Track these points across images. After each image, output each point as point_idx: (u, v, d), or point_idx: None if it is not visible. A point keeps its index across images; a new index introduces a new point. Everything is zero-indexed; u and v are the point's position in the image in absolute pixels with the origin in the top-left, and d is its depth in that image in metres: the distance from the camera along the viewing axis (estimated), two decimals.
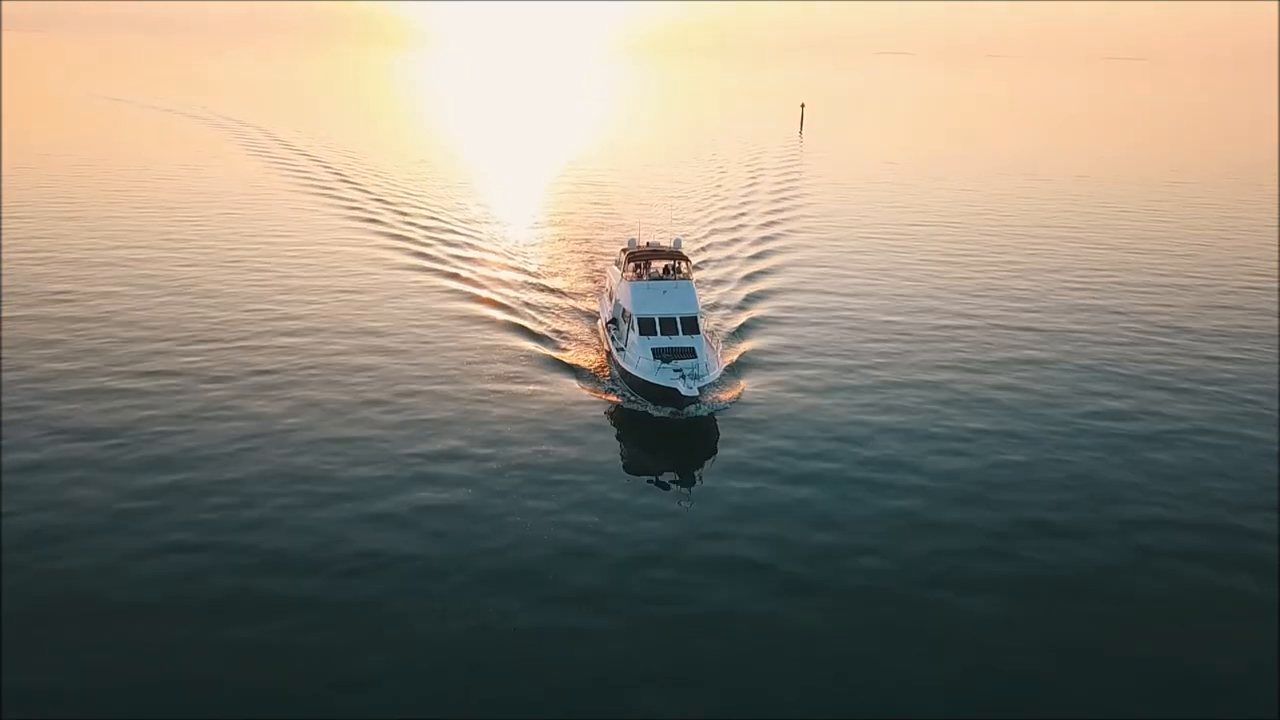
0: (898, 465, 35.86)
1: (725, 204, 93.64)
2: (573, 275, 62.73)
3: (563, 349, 47.94)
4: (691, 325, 43.03)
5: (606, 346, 45.95)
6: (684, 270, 47.97)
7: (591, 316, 53.11)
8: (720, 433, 38.48)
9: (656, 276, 46.52)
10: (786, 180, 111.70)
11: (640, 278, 46.01)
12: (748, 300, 58.11)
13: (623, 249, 49.75)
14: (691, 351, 41.51)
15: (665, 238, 54.31)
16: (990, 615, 26.94)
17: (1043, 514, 32.53)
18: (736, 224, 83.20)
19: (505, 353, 47.36)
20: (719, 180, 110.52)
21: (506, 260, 66.86)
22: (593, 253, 69.14)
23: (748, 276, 64.08)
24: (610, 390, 42.25)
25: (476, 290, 58.59)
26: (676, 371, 39.41)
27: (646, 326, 42.47)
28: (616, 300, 46.21)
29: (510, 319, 52.65)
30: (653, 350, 41.22)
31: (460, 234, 75.48)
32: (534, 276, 62.19)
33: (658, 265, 48.45)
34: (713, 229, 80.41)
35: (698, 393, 38.42)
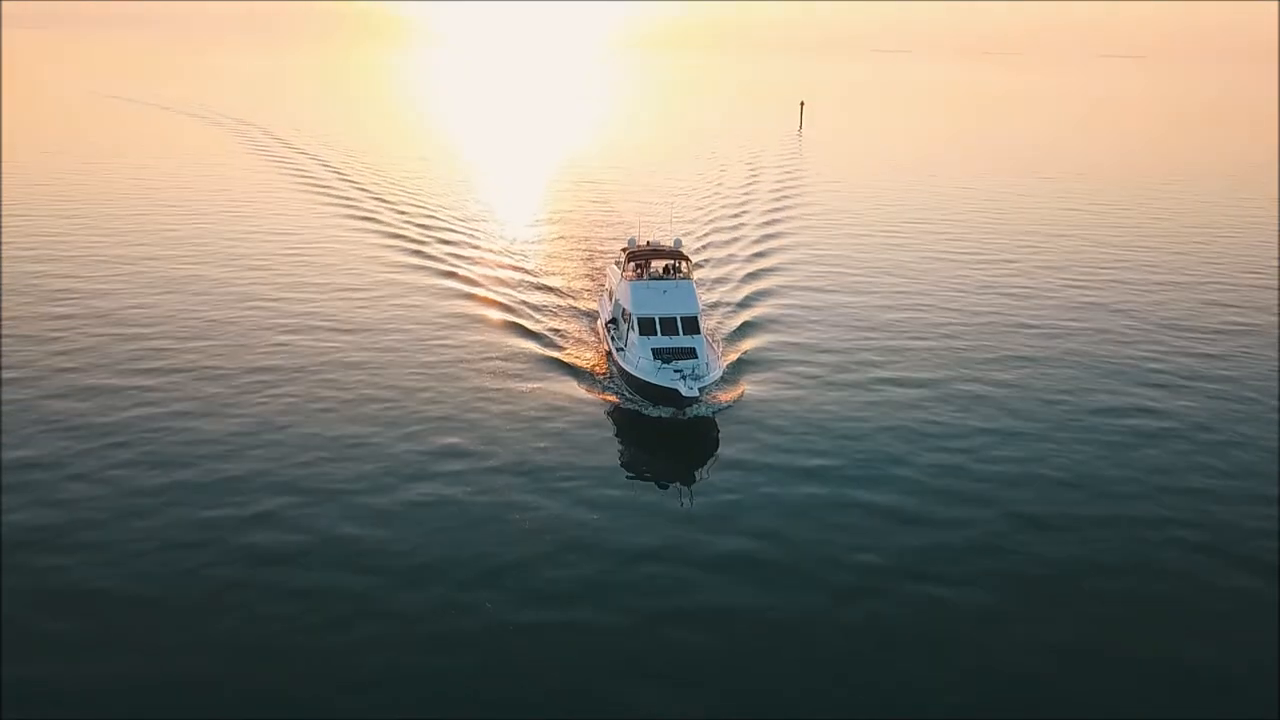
0: (898, 464, 35.83)
1: (725, 202, 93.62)
2: (571, 274, 62.70)
3: (562, 348, 47.92)
4: (692, 325, 42.83)
5: (606, 346, 45.87)
6: (684, 270, 47.83)
7: (590, 316, 53.07)
8: (720, 432, 38.45)
9: (657, 276, 46.41)
10: (786, 178, 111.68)
11: (640, 277, 45.90)
12: (748, 299, 58.05)
13: (623, 248, 49.64)
14: (692, 351, 41.27)
15: (665, 237, 54.21)
16: (990, 614, 26.93)
17: (1043, 512, 32.51)
18: (736, 222, 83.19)
19: (504, 351, 47.33)
20: (719, 178, 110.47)
21: (506, 259, 66.85)
22: (592, 252, 69.13)
23: (748, 275, 64.04)
24: (609, 390, 42.20)
25: (475, 289, 58.57)
26: (677, 372, 39.18)
27: (646, 326, 42.30)
28: (616, 300, 46.09)
29: (509, 318, 52.62)
30: (653, 350, 40.99)
31: (459, 232, 75.46)
32: (533, 275, 62.18)
33: (658, 265, 48.32)
34: (713, 227, 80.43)
35: (698, 393, 38.16)
